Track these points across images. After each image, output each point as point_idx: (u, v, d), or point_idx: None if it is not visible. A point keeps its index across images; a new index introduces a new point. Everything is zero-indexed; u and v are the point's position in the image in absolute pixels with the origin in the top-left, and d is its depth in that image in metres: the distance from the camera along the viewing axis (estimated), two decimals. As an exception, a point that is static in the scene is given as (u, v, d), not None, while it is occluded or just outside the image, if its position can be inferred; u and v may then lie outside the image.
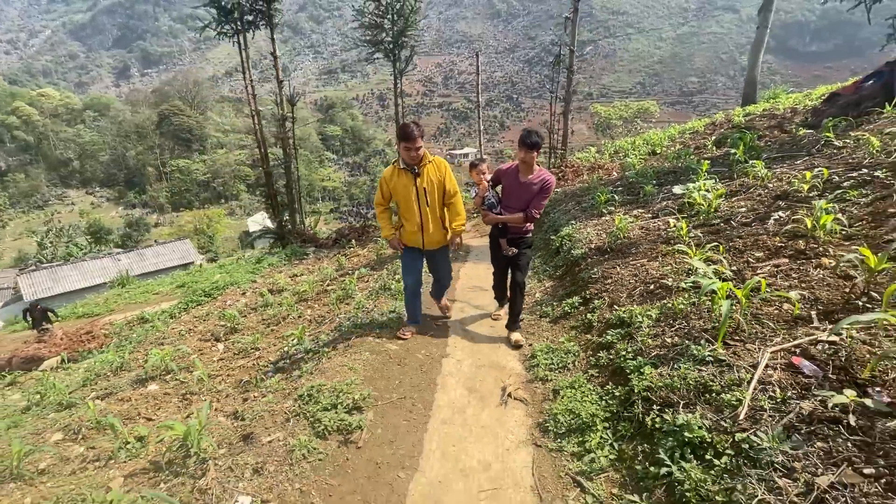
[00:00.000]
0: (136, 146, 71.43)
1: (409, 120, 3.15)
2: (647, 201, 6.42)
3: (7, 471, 3.34)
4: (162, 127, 74.02)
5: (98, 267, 30.24)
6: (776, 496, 1.60)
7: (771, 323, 2.58)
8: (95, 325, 10.87)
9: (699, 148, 9.97)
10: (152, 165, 71.76)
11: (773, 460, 1.73)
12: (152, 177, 71.42)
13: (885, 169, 4.47)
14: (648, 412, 2.31)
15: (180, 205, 68.38)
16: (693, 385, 2.29)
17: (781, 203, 4.67)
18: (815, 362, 2.15)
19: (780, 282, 3.04)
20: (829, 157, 5.83)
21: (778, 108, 14.03)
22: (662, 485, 1.96)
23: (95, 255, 33.05)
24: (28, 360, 8.32)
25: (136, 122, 73.08)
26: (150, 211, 66.60)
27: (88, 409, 3.97)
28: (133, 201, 69.25)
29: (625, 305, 3.48)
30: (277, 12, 9.74)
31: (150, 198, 68.97)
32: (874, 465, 1.56)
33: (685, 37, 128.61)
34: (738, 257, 3.63)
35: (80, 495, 2.69)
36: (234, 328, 5.90)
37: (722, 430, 1.97)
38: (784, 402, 1.96)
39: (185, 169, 69.90)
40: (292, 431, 2.54)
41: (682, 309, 3.03)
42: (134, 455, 3.12)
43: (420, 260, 3.91)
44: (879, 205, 3.79)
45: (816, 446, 1.70)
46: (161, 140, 72.99)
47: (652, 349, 2.77)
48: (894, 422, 1.66)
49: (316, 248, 9.81)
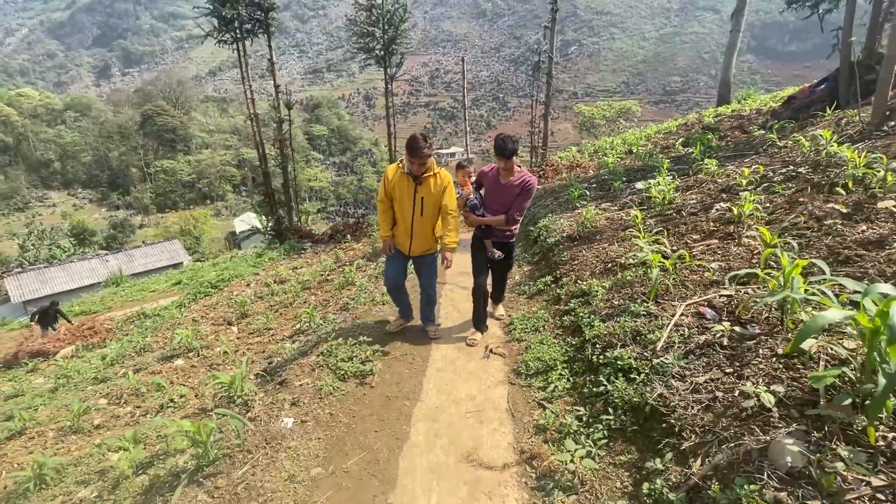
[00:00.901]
0: (119, 147, 70.56)
1: (420, 133, 3.39)
2: (616, 196, 7.19)
3: (69, 426, 3.95)
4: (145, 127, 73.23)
5: (86, 268, 30.25)
6: (670, 391, 2.31)
7: (692, 285, 3.33)
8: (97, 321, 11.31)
9: (668, 147, 10.80)
10: (136, 166, 70.96)
11: (673, 372, 2.45)
12: (136, 178, 70.62)
13: (807, 166, 5.28)
14: (595, 353, 3.02)
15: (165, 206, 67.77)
16: (629, 331, 3.01)
17: (724, 195, 5.45)
18: (716, 310, 2.89)
19: (707, 256, 3.79)
20: (771, 155, 6.66)
21: (745, 109, 15.00)
22: (601, 399, 2.67)
23: (83, 256, 32.99)
24: (34, 355, 8.78)
25: (119, 122, 72.17)
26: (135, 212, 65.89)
27: (128, 378, 4.57)
28: (117, 203, 68.43)
29: (586, 280, 4.20)
30: (274, 21, 10.31)
31: (135, 199, 68.24)
32: (734, 367, 2.28)
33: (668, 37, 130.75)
34: (680, 239, 4.38)
35: (143, 435, 3.31)
36: (244, 313, 6.49)
37: (644, 359, 2.69)
38: (688, 337, 2.69)
39: (170, 170, 69.26)
40: (318, 377, 3.21)
41: (629, 280, 3.76)
42: (181, 407, 3.74)
43: (403, 261, 3.89)
44: (797, 195, 4.57)
45: (702, 360, 2.43)
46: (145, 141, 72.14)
47: (603, 309, 3.49)
48: (753, 342, 2.39)
49: (312, 243, 10.40)
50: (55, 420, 4.19)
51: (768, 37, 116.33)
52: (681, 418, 2.15)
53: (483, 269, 3.98)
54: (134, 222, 58.95)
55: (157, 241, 36.08)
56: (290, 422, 2.75)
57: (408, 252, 3.76)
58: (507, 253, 3.95)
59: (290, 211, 11.84)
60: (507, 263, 4.07)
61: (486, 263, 3.98)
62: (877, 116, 5.90)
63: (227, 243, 50.47)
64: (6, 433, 4.05)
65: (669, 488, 1.89)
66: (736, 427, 1.94)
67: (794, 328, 2.38)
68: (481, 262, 3.97)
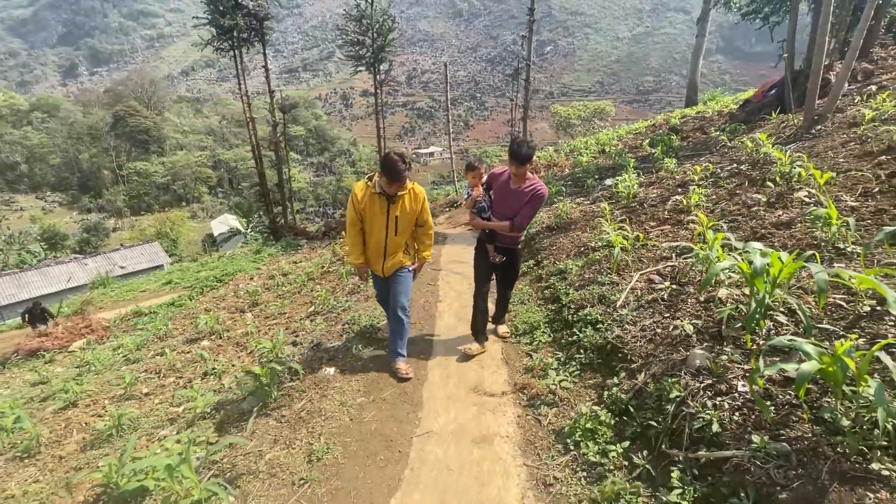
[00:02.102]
0: (90, 149, 68.80)
1: (396, 153, 3.24)
2: (588, 191, 8.06)
3: (121, 395, 4.55)
4: (117, 128, 71.54)
5: (64, 272, 29.90)
6: (625, 333, 3.11)
7: (646, 260, 4.16)
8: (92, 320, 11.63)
9: (636, 147, 11.78)
10: (108, 168, 69.29)
11: (627, 320, 3.25)
12: (108, 180, 68.96)
13: (748, 164, 6.22)
14: (570, 313, 3.81)
15: (139, 208, 66.39)
16: (596, 296, 3.81)
17: (680, 189, 6.35)
18: (662, 276, 3.71)
19: (661, 238, 4.63)
20: (722, 155, 7.62)
21: (708, 111, 16.18)
22: (575, 345, 3.45)
23: (60, 260, 32.53)
24: (33, 352, 9.14)
25: (89, 123, 70.36)
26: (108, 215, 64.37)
27: (166, 355, 5.18)
28: (88, 206, 66.70)
29: (563, 261, 5.00)
30: (269, 30, 10.83)
31: (107, 202, 66.65)
32: (670, 312, 3.10)
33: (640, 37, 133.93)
34: (640, 226, 5.23)
35: (191, 395, 3.95)
36: (255, 302, 7.10)
37: (607, 314, 3.49)
38: (640, 297, 3.50)
39: (144, 171, 67.85)
40: (347, 340, 3.91)
41: (597, 258, 4.58)
42: (223, 373, 4.38)
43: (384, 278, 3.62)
44: (736, 188, 5.48)
45: (648, 310, 3.24)
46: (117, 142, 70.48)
47: (576, 282, 4.30)
48: (685, 295, 3.22)
49: (307, 240, 10.99)
50: (104, 392, 4.77)
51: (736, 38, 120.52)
52: (631, 349, 2.95)
53: (485, 277, 3.80)
54: (108, 225, 57.70)
55: (137, 244, 35.72)
56: (332, 370, 3.45)
57: (381, 273, 3.52)
58: (511, 259, 3.77)
59: (284, 210, 12.38)
60: (511, 271, 3.88)
61: (489, 272, 3.80)
62: (807, 121, 6.90)
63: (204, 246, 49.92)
64: (62, 402, 4.61)
65: (622, 393, 2.68)
66: (667, 349, 2.75)
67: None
68: (484, 269, 3.78)
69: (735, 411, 2.10)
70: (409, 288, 3.60)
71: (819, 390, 2.02)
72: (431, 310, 4.82)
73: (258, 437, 2.80)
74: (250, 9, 9.94)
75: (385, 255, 3.43)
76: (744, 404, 2.10)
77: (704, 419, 2.11)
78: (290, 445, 2.67)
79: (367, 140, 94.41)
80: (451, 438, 2.72)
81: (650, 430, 2.34)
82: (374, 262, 3.49)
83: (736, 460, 1.89)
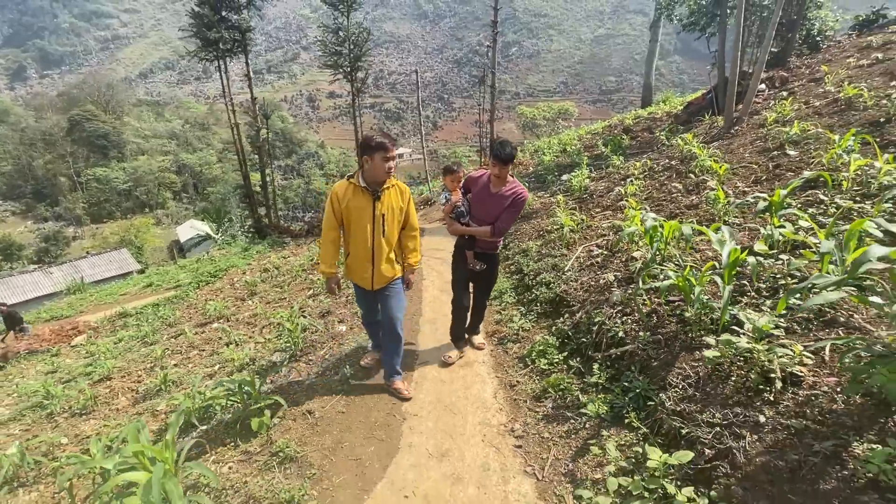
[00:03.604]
0: (44, 155, 66.11)
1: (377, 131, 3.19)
2: (548, 186, 9.16)
3: (151, 367, 5.29)
4: (73, 133, 68.94)
5: (29, 282, 29.26)
6: (569, 287, 4.14)
7: (589, 238, 5.22)
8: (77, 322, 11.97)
9: (591, 147, 13.02)
10: (65, 175, 66.73)
11: (571, 279, 4.28)
12: (66, 187, 66.39)
13: (677, 160, 7.42)
14: (530, 279, 4.83)
15: (100, 216, 64.22)
16: (550, 265, 4.84)
17: (623, 182, 7.49)
18: (599, 247, 4.77)
19: (603, 221, 5.71)
20: (661, 152, 8.85)
21: (658, 112, 17.67)
22: (533, 301, 4.46)
23: (24, 269, 31.68)
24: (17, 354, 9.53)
25: (43, 128, 67.61)
26: (66, 224, 62.13)
27: (186, 334, 5.91)
28: (44, 214, 64.12)
29: (525, 243, 6.03)
30: (251, 41, 11.47)
31: (65, 210, 64.26)
32: (601, 270, 4.14)
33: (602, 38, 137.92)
34: (588, 212, 6.31)
35: (224, 358, 4.75)
36: (253, 292, 7.83)
37: (557, 277, 4.51)
38: (583, 262, 4.54)
39: (104, 178, 65.68)
40: (353, 306, 4.80)
41: (552, 238, 5.62)
42: (244, 342, 5.18)
43: (371, 293, 3.29)
44: (665, 180, 6.64)
45: (586, 271, 4.28)
46: (74, 148, 67.91)
47: (535, 257, 5.32)
48: (612, 259, 4.27)
49: (292, 237, 11.70)
50: (135, 366, 5.48)
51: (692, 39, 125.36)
52: (573, 298, 3.98)
53: (464, 283, 3.71)
54: (67, 234, 55.77)
55: (105, 251, 35.07)
56: (344, 327, 4.34)
57: (371, 286, 3.18)
58: (490, 265, 3.64)
59: (268, 210, 13.03)
60: (489, 277, 3.73)
61: (467, 279, 3.70)
62: (726, 123, 8.18)
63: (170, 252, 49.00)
64: (98, 377, 5.30)
65: (565, 326, 3.69)
66: (597, 294, 3.78)
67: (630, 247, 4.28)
68: (462, 276, 3.69)
69: (633, 323, 3.14)
70: (404, 302, 3.37)
71: (678, 300, 3.07)
72: (418, 286, 5.75)
73: (294, 372, 3.67)
74: (233, 22, 10.60)
75: (373, 262, 3.10)
76: (639, 318, 3.14)
77: (615, 331, 3.14)
78: (322, 374, 3.56)
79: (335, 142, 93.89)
80: (444, 366, 3.66)
81: (582, 345, 3.36)
82: (362, 271, 3.14)
83: (630, 350, 2.92)
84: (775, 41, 12.69)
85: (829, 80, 8.40)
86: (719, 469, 1.94)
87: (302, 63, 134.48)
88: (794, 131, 6.06)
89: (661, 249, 3.49)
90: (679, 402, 2.36)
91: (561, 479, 2.31)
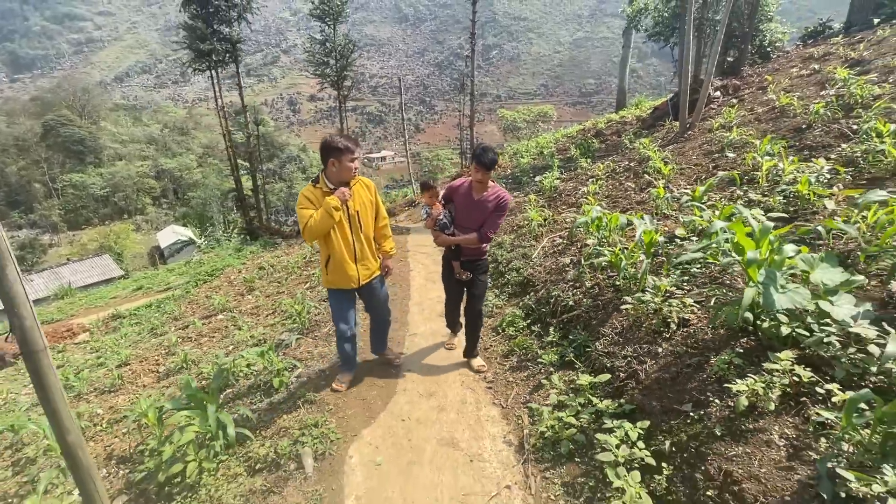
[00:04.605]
0: (18, 161, 64.83)
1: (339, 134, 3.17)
2: (523, 186, 9.97)
3: (169, 351, 5.88)
4: (48, 139, 67.62)
5: (8, 289, 28.93)
6: (534, 271, 4.91)
7: (555, 230, 6.01)
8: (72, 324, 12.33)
9: (565, 150, 13.91)
10: (39, 181, 65.43)
11: (536, 264, 5.05)
12: (41, 194, 65.15)
13: (636, 161, 8.29)
14: (502, 266, 5.59)
15: (77, 223, 63.12)
16: (520, 254, 5.61)
17: (588, 182, 8.32)
18: (562, 238, 5.56)
19: (568, 216, 6.50)
20: (623, 154, 9.73)
21: (628, 116, 18.69)
22: (506, 284, 5.22)
23: (3, 277, 31.31)
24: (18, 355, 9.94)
25: (16, 134, 66.21)
26: (42, 231, 60.97)
27: (194, 324, 6.51)
28: (18, 222, 62.81)
29: (501, 237, 6.80)
30: (241, 52, 12.03)
31: (41, 217, 63.07)
32: (561, 256, 4.92)
33: (581, 41, 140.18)
34: (555, 209, 7.12)
35: (237, 339, 5.39)
36: (251, 288, 8.43)
37: (526, 263, 5.28)
38: (548, 250, 5.32)
39: (80, 184, 64.54)
40: (348, 294, 5.49)
41: (523, 232, 6.40)
42: (251, 328, 5.82)
43: (353, 303, 3.47)
44: (624, 180, 7.49)
45: (549, 257, 5.06)
46: (48, 153, 66.62)
47: (509, 248, 6.09)
48: (571, 247, 5.06)
49: (283, 238, 12.27)
50: (150, 352, 6.06)
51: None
52: (537, 280, 4.75)
53: (456, 298, 3.82)
54: (44, 241, 54.76)
55: (87, 257, 34.85)
56: (343, 310, 5.02)
57: (357, 283, 3.29)
58: (477, 273, 3.61)
59: (259, 212, 13.57)
60: (481, 285, 3.66)
61: (459, 290, 3.74)
62: (681, 128, 9.10)
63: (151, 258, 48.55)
64: (117, 362, 5.87)
65: (530, 301, 4.44)
66: (556, 275, 4.55)
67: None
68: (453, 290, 3.78)
69: (580, 294, 3.91)
70: (387, 290, 3.68)
71: (613, 273, 3.85)
72: (406, 276, 6.46)
73: (303, 346, 4.35)
74: (225, 34, 11.16)
75: (356, 260, 3.23)
76: (585, 290, 3.92)
77: (567, 301, 3.91)
78: (327, 346, 4.25)
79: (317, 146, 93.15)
80: (429, 333, 4.39)
81: (542, 314, 4.12)
82: (347, 270, 3.22)
83: (577, 314, 3.69)
84: (731, 52, 13.79)
85: (771, 89, 9.37)
86: (628, 385, 2.71)
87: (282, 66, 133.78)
88: (732, 136, 6.94)
89: (606, 236, 4.28)
90: (608, 346, 3.13)
91: (520, 406, 3.06)
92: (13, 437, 3.94)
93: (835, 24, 14.60)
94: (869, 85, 6.44)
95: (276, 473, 2.60)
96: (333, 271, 3.24)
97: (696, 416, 2.21)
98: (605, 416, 2.52)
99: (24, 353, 2.20)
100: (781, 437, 1.90)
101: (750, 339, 2.42)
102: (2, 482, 3.51)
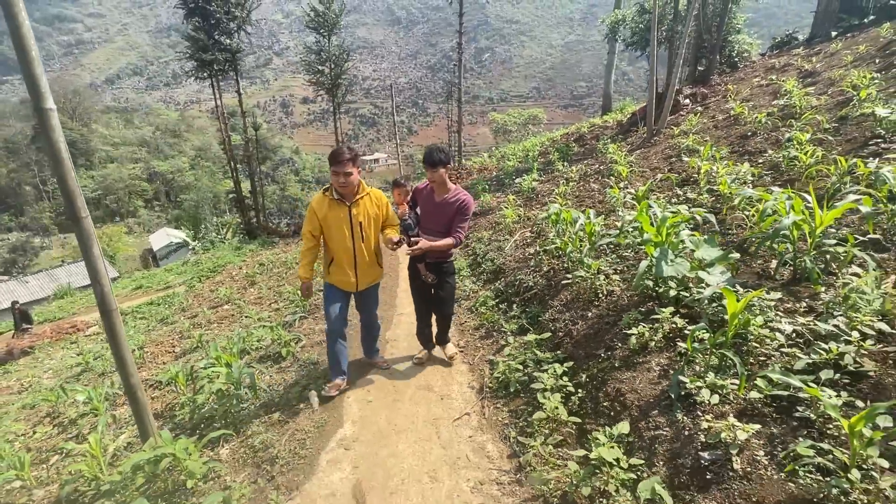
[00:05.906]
0: (7, 164, 64.83)
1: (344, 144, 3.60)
2: (505, 187, 10.75)
3: (179, 337, 6.57)
4: (38, 141, 67.49)
5: (3, 290, 29.47)
6: (505, 260, 5.67)
7: (527, 226, 6.78)
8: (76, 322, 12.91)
9: (546, 153, 14.72)
10: (30, 184, 65.43)
11: (507, 255, 5.81)
12: (31, 197, 65.13)
13: (605, 164, 9.10)
14: (480, 257, 6.34)
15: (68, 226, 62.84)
16: (495, 247, 6.37)
17: (563, 183, 9.11)
18: (532, 232, 6.32)
19: (539, 213, 7.27)
20: (597, 158, 10.54)
21: (609, 120, 19.55)
22: (482, 272, 5.97)
23: (0, 280, 31.73)
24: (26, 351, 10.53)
25: (5, 136, 66.26)
26: (32, 234, 60.89)
27: (203, 312, 7.19)
28: (9, 224, 62.69)
29: (480, 232, 7.56)
30: (242, 61, 12.72)
31: (31, 220, 63.03)
32: (528, 247, 5.69)
33: (572, 44, 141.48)
34: (530, 208, 7.89)
35: (246, 321, 6.09)
36: (253, 282, 9.11)
37: (499, 254, 6.04)
38: (519, 243, 6.08)
39: (72, 186, 64.38)
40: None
41: (501, 228, 7.16)
42: (255, 316, 6.52)
43: (346, 302, 3.53)
44: (593, 182, 8.28)
45: (518, 248, 5.83)
46: (39, 156, 66.62)
47: (487, 241, 6.85)
48: (539, 239, 5.83)
49: (280, 237, 12.94)
50: (164, 338, 6.73)
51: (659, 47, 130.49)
52: (506, 268, 5.50)
53: (426, 307, 3.84)
54: (35, 244, 54.78)
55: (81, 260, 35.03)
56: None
57: (355, 288, 3.42)
58: (443, 276, 3.65)
59: (257, 213, 14.24)
60: (447, 287, 3.70)
61: (426, 297, 3.78)
62: (648, 134, 9.93)
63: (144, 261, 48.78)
64: (134, 346, 6.54)
65: (500, 285, 5.20)
66: (522, 263, 5.31)
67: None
68: (419, 291, 3.83)
69: (539, 276, 4.67)
70: (376, 303, 3.80)
71: (563, 257, 4.62)
72: (395, 267, 7.20)
73: (305, 324, 5.07)
74: (225, 45, 11.85)
75: (356, 267, 3.33)
76: (544, 273, 4.68)
77: (528, 283, 4.67)
78: (327, 323, 4.97)
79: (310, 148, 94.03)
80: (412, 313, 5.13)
81: (508, 295, 4.88)
82: (346, 274, 3.33)
83: (534, 292, 4.45)
84: (702, 61, 14.69)
85: (731, 98, 10.22)
86: (565, 341, 3.47)
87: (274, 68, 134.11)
88: (688, 142, 7.75)
89: (564, 229, 5.04)
90: (554, 314, 3.90)
91: (483, 363, 3.81)
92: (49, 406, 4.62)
93: (800, 35, 15.56)
94: (808, 97, 7.28)
95: (290, 409, 3.33)
96: (334, 273, 3.39)
97: (605, 356, 2.98)
98: (544, 363, 3.27)
99: (103, 311, 2.93)
100: (657, 364, 2.67)
101: (654, 303, 3.18)
102: (49, 438, 4.19)
